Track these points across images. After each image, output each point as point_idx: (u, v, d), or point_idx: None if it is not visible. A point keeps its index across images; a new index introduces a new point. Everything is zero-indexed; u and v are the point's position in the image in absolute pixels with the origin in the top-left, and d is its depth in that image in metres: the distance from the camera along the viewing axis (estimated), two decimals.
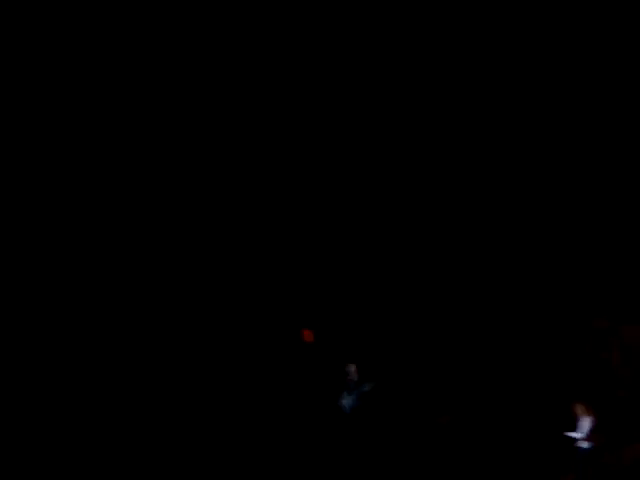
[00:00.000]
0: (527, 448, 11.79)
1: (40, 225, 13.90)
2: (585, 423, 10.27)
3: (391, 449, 12.18)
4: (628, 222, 13.77)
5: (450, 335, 14.11)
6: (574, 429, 10.39)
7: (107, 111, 14.15)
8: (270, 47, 14.32)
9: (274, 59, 14.42)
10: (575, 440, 10.35)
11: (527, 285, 14.10)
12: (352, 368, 12.73)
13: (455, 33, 14.16)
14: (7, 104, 13.71)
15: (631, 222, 13.74)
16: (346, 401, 12.55)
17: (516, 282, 14.18)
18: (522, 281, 14.14)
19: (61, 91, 13.96)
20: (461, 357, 13.86)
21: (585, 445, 10.27)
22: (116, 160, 14.28)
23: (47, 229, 13.94)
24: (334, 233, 14.70)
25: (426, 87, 14.48)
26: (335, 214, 14.69)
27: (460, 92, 14.41)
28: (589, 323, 13.62)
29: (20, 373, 13.06)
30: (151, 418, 12.79)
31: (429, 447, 12.15)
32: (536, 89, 14.24)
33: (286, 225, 14.65)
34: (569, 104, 14.16)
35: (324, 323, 14.23)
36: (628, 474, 10.78)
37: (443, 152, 14.71)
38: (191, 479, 11.54)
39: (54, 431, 12.36)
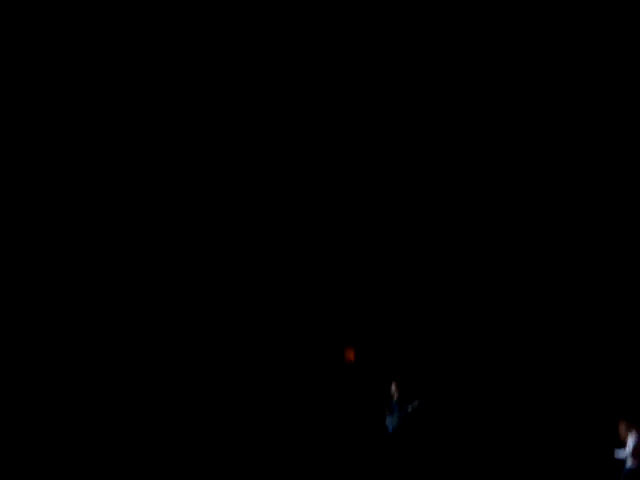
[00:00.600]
0: (571, 467, 11.67)
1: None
2: (630, 440, 9.90)
3: (431, 468, 12.11)
4: None
5: (492, 355, 14.00)
6: (618, 447, 10.10)
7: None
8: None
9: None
10: (620, 459, 10.08)
11: (569, 293, 13.98)
12: (393, 387, 12.54)
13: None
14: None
15: None
16: (389, 421, 12.39)
17: (557, 291, 14.06)
18: (563, 289, 14.03)
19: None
20: (504, 376, 13.73)
21: (628, 464, 9.92)
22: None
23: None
24: (373, 251, 14.67)
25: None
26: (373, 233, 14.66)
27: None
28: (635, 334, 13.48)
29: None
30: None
31: (469, 466, 12.07)
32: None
33: (326, 243, 14.63)
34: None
35: (365, 341, 14.16)
36: None
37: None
38: None
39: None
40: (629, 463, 9.97)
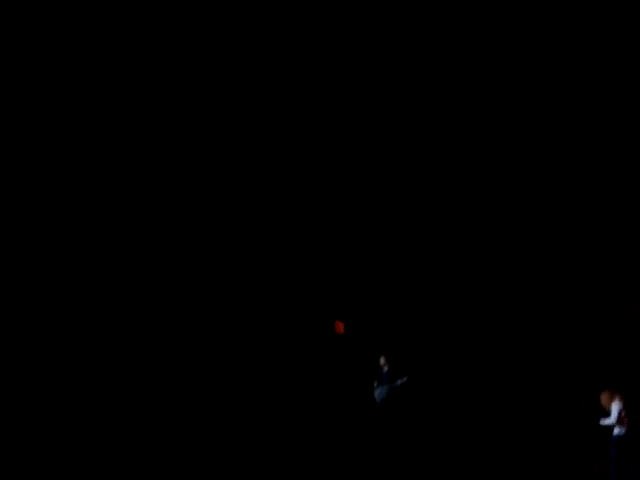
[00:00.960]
0: (558, 436, 11.88)
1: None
2: (615, 409, 10.31)
3: (417, 439, 12.27)
4: None
5: (481, 329, 14.20)
6: (604, 416, 10.43)
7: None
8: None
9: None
10: (606, 426, 10.42)
11: (558, 276, 14.18)
12: (382, 360, 12.81)
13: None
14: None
15: None
16: (378, 392, 12.64)
17: (548, 272, 14.27)
18: (553, 272, 14.22)
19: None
20: (491, 348, 13.93)
21: (616, 431, 10.34)
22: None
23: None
24: (366, 232, 14.82)
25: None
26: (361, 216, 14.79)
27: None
28: (622, 310, 13.68)
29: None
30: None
31: (456, 437, 12.23)
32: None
33: (320, 224, 14.77)
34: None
35: (356, 315, 14.36)
36: None
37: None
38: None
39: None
40: (616, 430, 10.33)
